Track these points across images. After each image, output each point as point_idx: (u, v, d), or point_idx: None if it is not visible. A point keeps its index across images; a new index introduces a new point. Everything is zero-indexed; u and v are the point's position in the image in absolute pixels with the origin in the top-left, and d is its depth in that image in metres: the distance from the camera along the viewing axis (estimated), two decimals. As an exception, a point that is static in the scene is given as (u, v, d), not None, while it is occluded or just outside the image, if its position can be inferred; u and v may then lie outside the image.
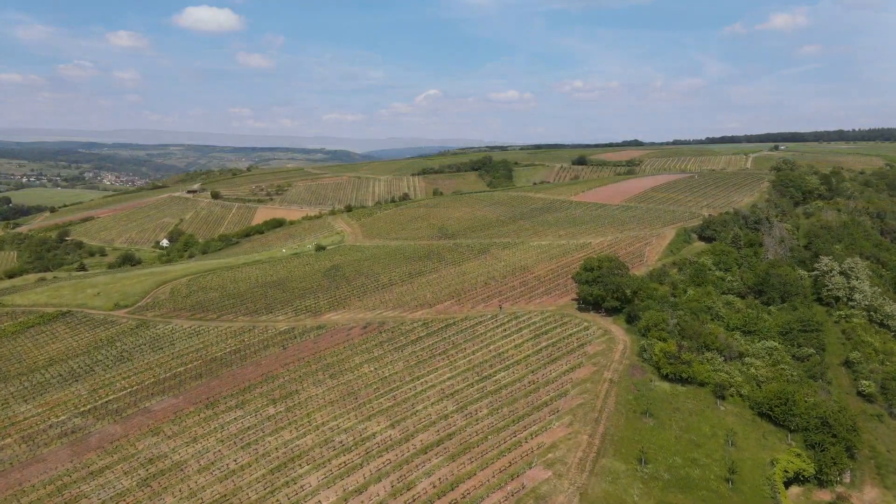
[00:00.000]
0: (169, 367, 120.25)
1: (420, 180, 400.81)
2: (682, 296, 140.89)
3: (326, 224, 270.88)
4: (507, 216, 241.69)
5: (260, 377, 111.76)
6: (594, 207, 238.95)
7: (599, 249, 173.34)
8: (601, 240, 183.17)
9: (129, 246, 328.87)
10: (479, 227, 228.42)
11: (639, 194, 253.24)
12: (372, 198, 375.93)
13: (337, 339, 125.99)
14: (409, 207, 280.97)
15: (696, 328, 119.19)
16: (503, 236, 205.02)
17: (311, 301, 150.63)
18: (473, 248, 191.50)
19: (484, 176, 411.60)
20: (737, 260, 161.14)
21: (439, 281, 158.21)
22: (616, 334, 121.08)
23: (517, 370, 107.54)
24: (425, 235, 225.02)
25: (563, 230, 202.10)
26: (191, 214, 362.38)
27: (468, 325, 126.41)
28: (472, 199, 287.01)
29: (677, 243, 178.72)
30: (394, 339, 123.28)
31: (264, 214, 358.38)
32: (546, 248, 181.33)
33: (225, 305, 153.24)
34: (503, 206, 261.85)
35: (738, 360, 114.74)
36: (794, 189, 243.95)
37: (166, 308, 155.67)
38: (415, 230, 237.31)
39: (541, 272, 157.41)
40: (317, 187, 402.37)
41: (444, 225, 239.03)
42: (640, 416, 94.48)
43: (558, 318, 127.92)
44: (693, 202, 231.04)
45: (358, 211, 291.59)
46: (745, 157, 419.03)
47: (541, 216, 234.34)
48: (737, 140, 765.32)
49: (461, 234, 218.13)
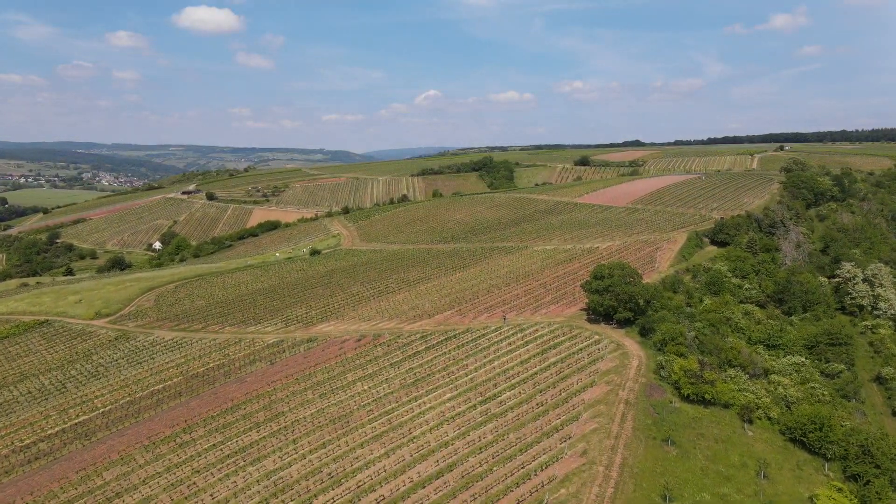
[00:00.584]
0: (146, 384, 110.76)
1: (419, 181, 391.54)
2: (697, 305, 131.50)
3: (322, 226, 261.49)
4: (510, 219, 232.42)
5: (244, 396, 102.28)
6: (599, 210, 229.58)
7: (608, 255, 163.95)
8: (609, 244, 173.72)
9: (121, 249, 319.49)
10: (481, 229, 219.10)
11: (645, 196, 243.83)
12: (370, 199, 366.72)
13: (329, 353, 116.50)
14: (407, 209, 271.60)
15: (716, 342, 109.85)
16: (506, 240, 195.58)
17: (303, 310, 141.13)
18: (475, 252, 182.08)
19: (484, 177, 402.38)
20: (754, 266, 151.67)
21: (439, 289, 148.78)
22: (630, 348, 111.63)
23: (524, 389, 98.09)
24: (424, 239, 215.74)
25: (568, 234, 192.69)
26: (185, 216, 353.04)
27: (470, 339, 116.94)
28: (472, 200, 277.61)
29: (689, 248, 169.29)
30: (390, 353, 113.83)
31: (260, 216, 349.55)
32: (551, 253, 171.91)
33: (212, 315, 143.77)
34: (505, 207, 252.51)
35: (764, 377, 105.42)
36: (806, 190, 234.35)
37: (149, 317, 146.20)
38: (413, 233, 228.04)
39: (546, 279, 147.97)
40: (314, 188, 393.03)
41: (444, 228, 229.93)
42: (660, 443, 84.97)
43: (567, 330, 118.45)
44: (702, 204, 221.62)
45: (355, 213, 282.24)
46: (751, 158, 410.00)
47: (544, 219, 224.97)
48: (739, 140, 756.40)
49: (462, 238, 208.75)
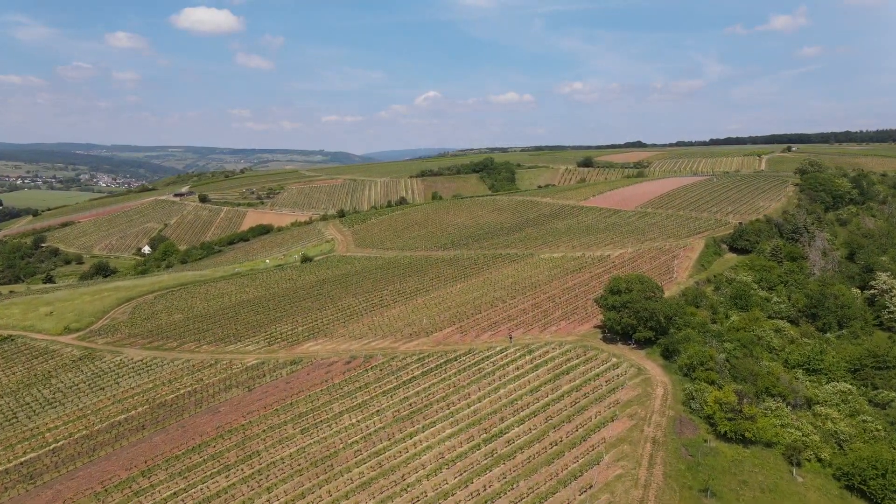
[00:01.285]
0: (107, 413, 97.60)
1: (418, 183, 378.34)
2: (723, 322, 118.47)
3: (316, 231, 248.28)
4: (513, 223, 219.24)
5: (215, 431, 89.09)
6: (607, 214, 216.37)
7: (620, 263, 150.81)
8: (621, 252, 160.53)
9: (109, 253, 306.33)
10: (482, 235, 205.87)
11: (655, 199, 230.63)
12: (367, 202, 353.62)
13: (314, 377, 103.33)
14: (405, 213, 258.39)
15: (750, 367, 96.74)
16: (509, 246, 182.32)
17: (289, 326, 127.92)
18: (477, 260, 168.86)
19: (485, 178, 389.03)
20: (780, 277, 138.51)
21: (438, 302, 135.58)
22: (652, 373, 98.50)
23: (535, 424, 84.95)
24: (423, 245, 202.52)
25: (576, 240, 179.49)
26: (176, 219, 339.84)
27: (472, 361, 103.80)
28: (473, 203, 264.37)
29: (707, 256, 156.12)
30: (383, 378, 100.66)
31: (254, 219, 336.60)
32: (559, 261, 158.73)
33: (189, 331, 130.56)
34: (508, 211, 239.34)
35: (806, 408, 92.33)
36: (824, 193, 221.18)
37: (121, 333, 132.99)
38: (411, 239, 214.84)
39: (555, 291, 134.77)
40: (310, 190, 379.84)
41: (444, 233, 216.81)
42: (698, 494, 71.84)
43: (581, 351, 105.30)
44: (716, 208, 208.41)
45: (351, 216, 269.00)
46: (759, 159, 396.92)
47: (549, 223, 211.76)
48: (741, 141, 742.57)
49: (462, 244, 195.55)
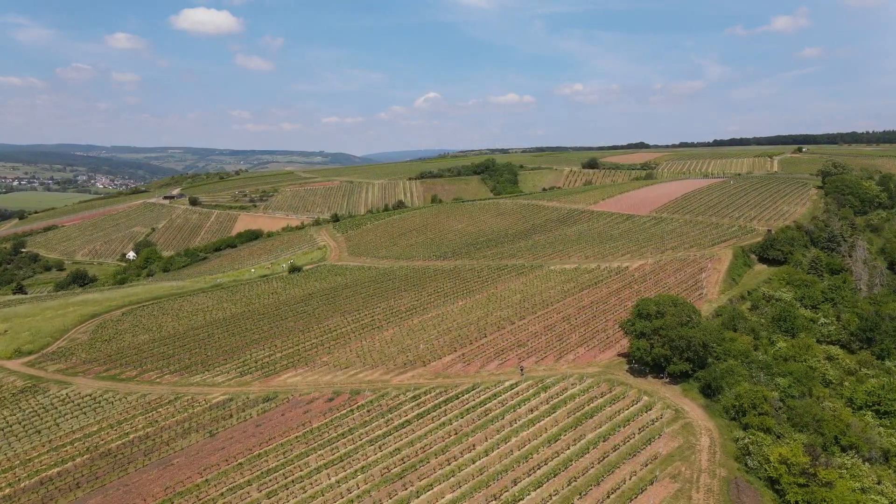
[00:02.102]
0: (37, 465, 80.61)
1: (417, 185, 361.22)
2: (767, 348, 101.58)
3: (308, 237, 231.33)
4: (519, 229, 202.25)
5: (163, 493, 72.10)
6: (620, 219, 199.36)
7: (640, 276, 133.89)
8: (640, 263, 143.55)
9: (92, 259, 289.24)
10: (486, 242, 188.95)
11: (670, 203, 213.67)
12: (364, 205, 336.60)
13: (290, 419, 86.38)
14: (403, 217, 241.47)
15: (813, 411, 79.80)
16: (516, 256, 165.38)
17: (266, 352, 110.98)
18: (480, 272, 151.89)
19: (487, 181, 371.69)
20: (824, 293, 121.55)
21: (437, 322, 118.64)
22: (693, 416, 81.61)
23: (556, 487, 68.01)
24: (421, 253, 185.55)
25: (588, 249, 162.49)
26: (164, 223, 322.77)
27: (477, 400, 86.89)
28: (475, 207, 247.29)
29: (737, 268, 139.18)
30: (370, 422, 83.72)
31: (246, 223, 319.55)
32: (572, 274, 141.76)
33: (153, 356, 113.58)
34: (512, 216, 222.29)
35: (883, 461, 75.48)
36: (851, 197, 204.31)
37: (77, 358, 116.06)
38: (409, 246, 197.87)
39: (570, 310, 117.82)
40: (305, 193, 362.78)
41: (444, 240, 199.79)
42: None
43: (605, 387, 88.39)
44: (738, 213, 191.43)
45: (345, 221, 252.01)
46: (770, 160, 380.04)
47: (558, 229, 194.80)
48: (746, 142, 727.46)
49: (464, 253, 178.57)
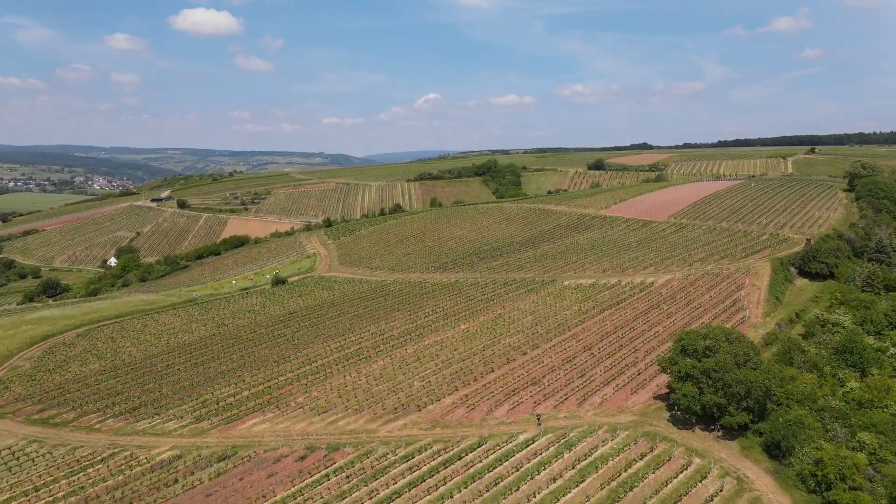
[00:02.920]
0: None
1: (416, 187, 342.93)
2: (835, 388, 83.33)
3: (297, 244, 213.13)
4: (526, 236, 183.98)
5: None
6: (636, 225, 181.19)
7: (668, 294, 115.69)
8: (666, 278, 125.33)
9: (71, 266, 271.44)
10: (490, 251, 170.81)
11: (688, 208, 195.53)
12: (360, 208, 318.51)
13: (249, 486, 68.12)
14: (400, 223, 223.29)
15: (917, 483, 61.64)
16: (524, 268, 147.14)
17: (232, 388, 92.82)
18: (484, 288, 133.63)
19: (489, 182, 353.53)
20: (888, 317, 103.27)
21: (435, 351, 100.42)
22: (761, 488, 63.52)
23: None
24: (418, 264, 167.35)
25: (605, 260, 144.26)
26: (150, 227, 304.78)
27: (484, 462, 68.73)
28: (477, 212, 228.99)
29: (778, 284, 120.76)
30: (349, 491, 65.49)
31: (236, 227, 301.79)
32: (589, 290, 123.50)
33: (100, 391, 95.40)
34: (518, 221, 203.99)
35: None
36: (887, 201, 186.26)
37: (11, 393, 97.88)
38: (405, 255, 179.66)
39: (591, 337, 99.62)
40: (299, 195, 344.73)
41: (444, 248, 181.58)
42: None
43: (645, 445, 70.21)
44: (765, 219, 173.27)
45: (338, 227, 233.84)
46: (783, 161, 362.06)
47: (569, 236, 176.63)
48: (750, 143, 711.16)
49: (466, 263, 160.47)
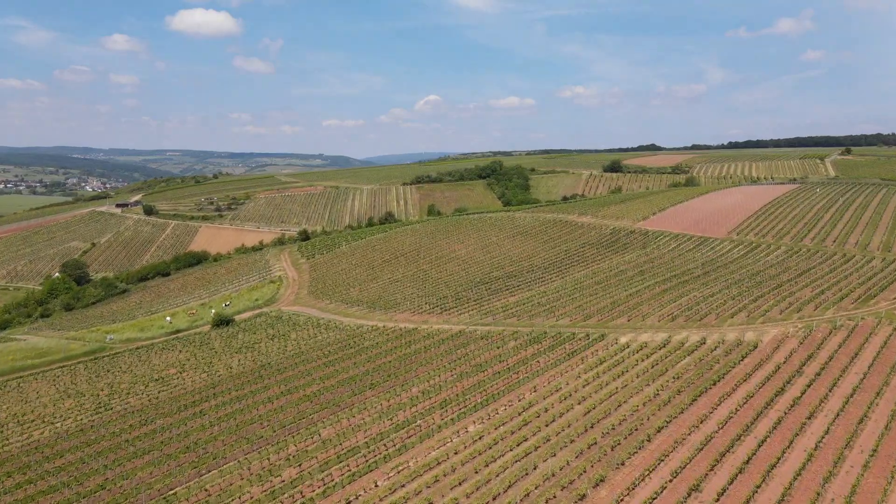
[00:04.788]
0: None
1: (412, 192, 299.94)
2: None
3: (263, 263, 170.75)
4: (547, 257, 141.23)
5: None
6: (689, 244, 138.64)
7: (790, 369, 73.04)
8: (774, 332, 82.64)
9: (10, 282, 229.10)
10: (502, 279, 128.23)
11: (749, 219, 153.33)
12: (349, 215, 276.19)
13: None
14: (390, 236, 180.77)
15: None
16: (553, 308, 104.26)
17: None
18: (502, 345, 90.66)
19: (494, 186, 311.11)
20: None
21: (427, 481, 57.59)
22: None
23: None
24: (408, 297, 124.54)
25: (667, 298, 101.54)
26: (109, 237, 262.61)
27: None
28: (483, 223, 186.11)
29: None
30: None
31: (207, 236, 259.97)
32: (657, 353, 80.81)
33: None
34: (535, 236, 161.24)
35: None
36: None
37: None
38: (393, 282, 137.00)
39: (685, 453, 56.75)
40: (282, 200, 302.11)
41: (442, 274, 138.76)
42: None
43: None
44: (877, 238, 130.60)
45: (317, 241, 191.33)
46: (821, 162, 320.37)
47: (604, 258, 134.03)
48: (763, 144, 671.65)
49: (471, 298, 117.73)
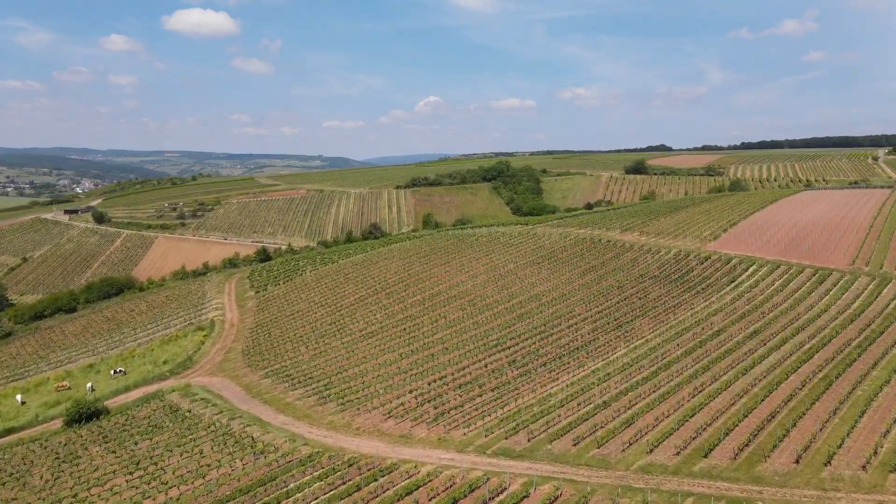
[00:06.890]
0: None
1: (407, 196, 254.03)
2: None
3: (200, 296, 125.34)
4: (594, 301, 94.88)
5: None
6: (801, 278, 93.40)
7: None
8: None
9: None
10: (532, 342, 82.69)
11: (871, 241, 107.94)
12: (333, 224, 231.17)
13: None
14: (372, 258, 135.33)
15: None
16: (629, 422, 58.81)
17: None
18: None
19: (500, 190, 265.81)
20: None
21: None
22: None
23: None
24: (385, 371, 78.57)
25: (820, 388, 56.13)
26: (46, 249, 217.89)
27: None
28: (495, 243, 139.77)
29: None
30: None
31: (163, 249, 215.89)
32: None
33: None
34: (568, 263, 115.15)
35: None
36: None
37: None
38: (365, 337, 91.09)
39: None
40: (256, 206, 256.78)
41: (438, 322, 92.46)
42: None
43: None
44: None
45: (277, 263, 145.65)
46: (874, 164, 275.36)
47: (682, 304, 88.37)
48: (778, 145, 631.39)
49: (486, 381, 71.93)
